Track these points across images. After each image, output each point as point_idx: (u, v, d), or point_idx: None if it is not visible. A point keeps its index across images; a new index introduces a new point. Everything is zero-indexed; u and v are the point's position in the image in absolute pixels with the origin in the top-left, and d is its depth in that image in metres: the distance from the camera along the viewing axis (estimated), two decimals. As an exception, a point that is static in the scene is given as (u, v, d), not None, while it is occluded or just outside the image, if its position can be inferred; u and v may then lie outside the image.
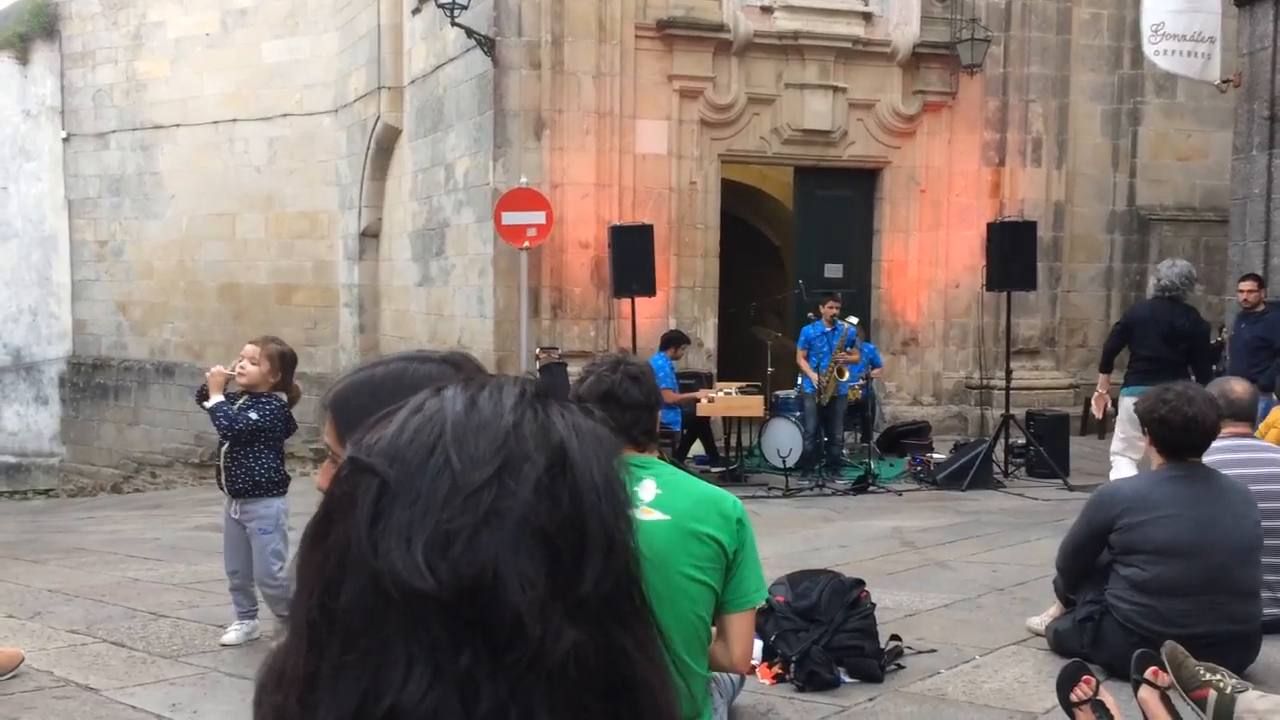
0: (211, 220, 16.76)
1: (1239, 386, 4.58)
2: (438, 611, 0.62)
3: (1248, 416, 4.66)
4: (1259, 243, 9.58)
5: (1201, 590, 3.80)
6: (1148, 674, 3.18)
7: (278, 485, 4.85)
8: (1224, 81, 10.01)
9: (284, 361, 4.80)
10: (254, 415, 4.72)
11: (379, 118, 14.52)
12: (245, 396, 4.77)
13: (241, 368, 4.72)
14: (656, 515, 2.56)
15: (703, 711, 2.69)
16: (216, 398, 4.72)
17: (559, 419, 0.69)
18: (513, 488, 0.64)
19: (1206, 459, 4.06)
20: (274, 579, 4.74)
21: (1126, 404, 7.32)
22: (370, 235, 15.46)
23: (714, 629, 2.70)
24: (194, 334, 16.97)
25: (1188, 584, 3.80)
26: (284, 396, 4.83)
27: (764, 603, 4.11)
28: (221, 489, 4.90)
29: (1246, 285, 8.82)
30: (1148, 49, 10.12)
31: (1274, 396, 8.34)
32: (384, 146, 14.83)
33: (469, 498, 0.64)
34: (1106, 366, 8.16)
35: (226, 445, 4.78)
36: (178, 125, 16.92)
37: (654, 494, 2.60)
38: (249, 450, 4.77)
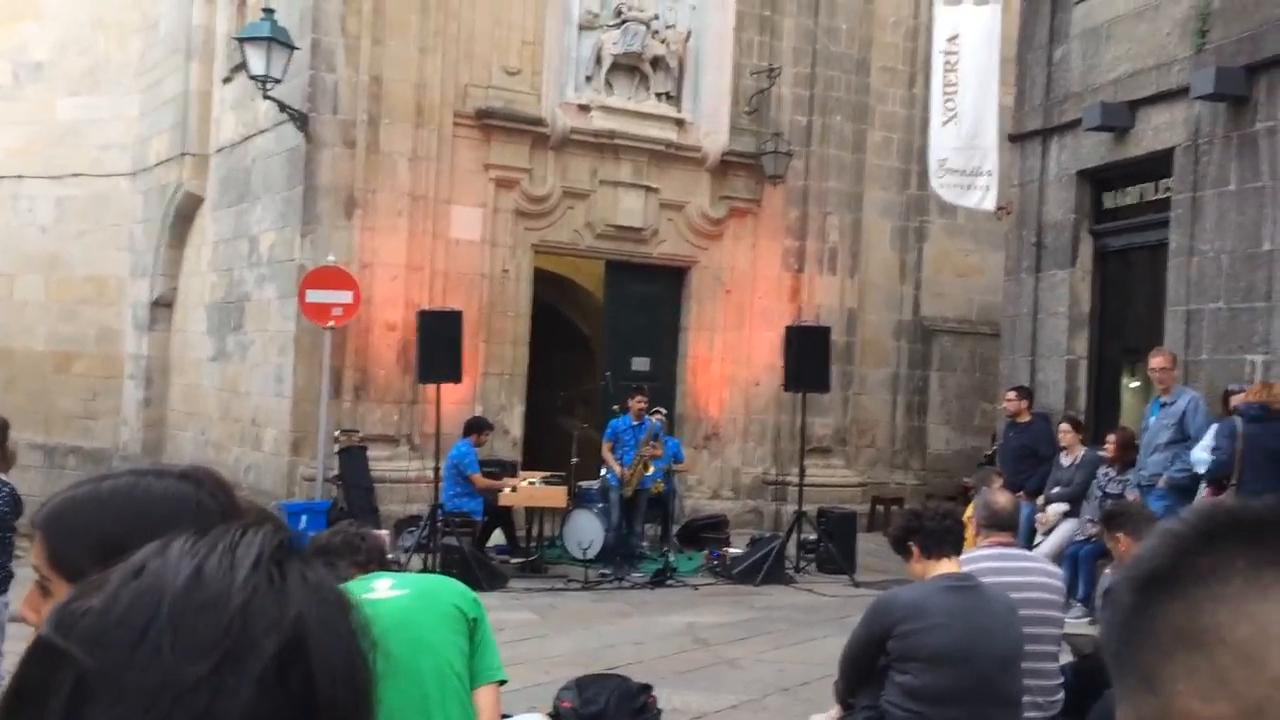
0: (-15, 280, 15.61)
1: (1001, 497, 4.89)
2: None
3: (1010, 526, 4.97)
4: (1026, 358, 10.38)
5: (969, 698, 4.00)
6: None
7: (1, 583, 4.41)
8: (999, 209, 10.91)
9: None
10: None
11: (180, 184, 13.97)
12: None
13: None
14: (397, 593, 2.91)
15: None
16: None
17: (299, 585, 0.63)
18: (233, 685, 0.58)
19: (970, 567, 4.32)
20: None
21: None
22: (163, 305, 14.73)
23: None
24: (-45, 401, 15.61)
25: (956, 692, 3.99)
26: (6, 478, 4.43)
27: (551, 710, 4.09)
28: None
29: (1009, 396, 9.61)
30: (934, 182, 10.96)
31: (1036, 502, 8.99)
32: (184, 214, 14.25)
33: (179, 699, 0.57)
34: None
35: None
36: (-45, 177, 15.77)
37: (390, 584, 2.97)
38: None
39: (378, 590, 2.84)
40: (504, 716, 3.26)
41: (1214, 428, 7.40)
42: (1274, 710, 0.58)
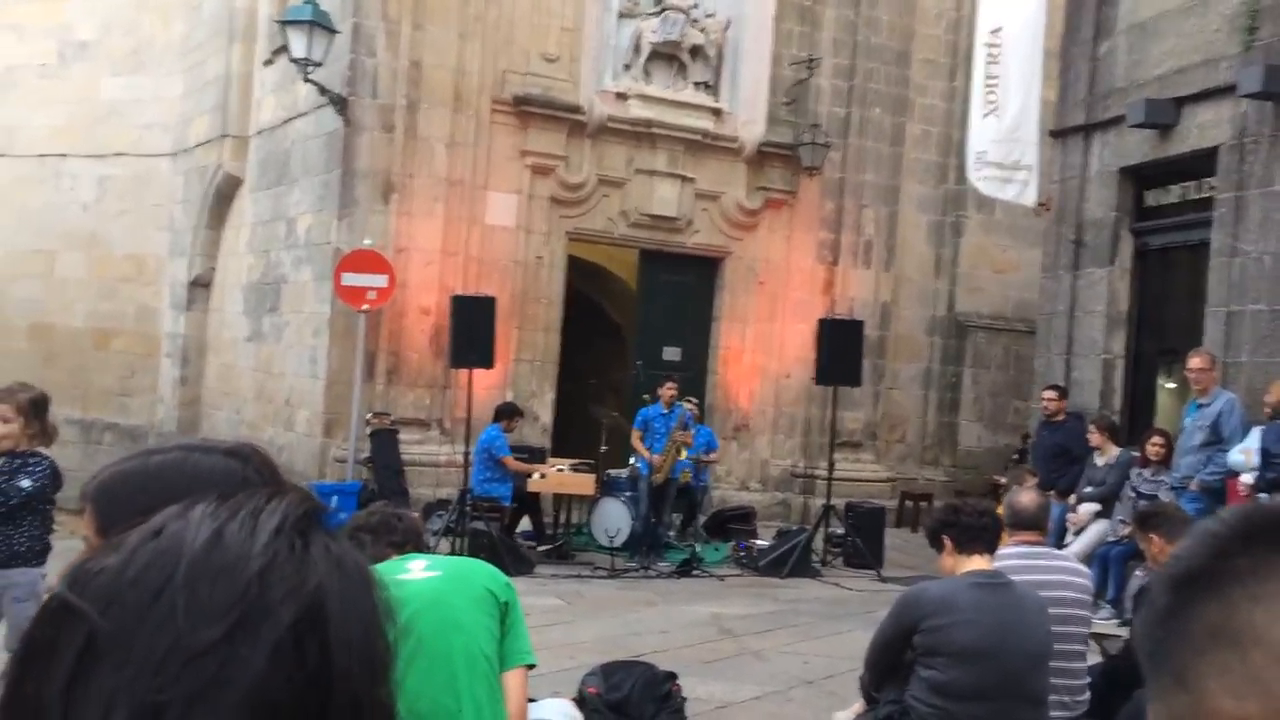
0: (27, 256, 15.82)
1: (1025, 497, 4.86)
2: None
3: (1034, 525, 4.92)
4: (1062, 356, 10.28)
5: (995, 695, 3.97)
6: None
7: (38, 555, 4.48)
8: (1039, 205, 10.79)
9: (37, 408, 4.44)
10: (26, 484, 4.36)
11: (220, 166, 14.11)
12: (3, 459, 4.39)
13: None
14: (430, 575, 2.93)
15: None
16: None
17: (322, 555, 0.61)
18: (245, 653, 0.56)
19: (997, 565, 4.29)
20: None
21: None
22: (201, 285, 14.90)
23: None
24: (-4, 374, 15.85)
25: (983, 689, 3.97)
26: (47, 452, 4.50)
27: (576, 695, 4.11)
28: None
29: (1048, 395, 9.45)
30: (971, 175, 10.83)
31: (1068, 501, 8.91)
32: (223, 195, 14.40)
33: (190, 663, 0.55)
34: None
35: None
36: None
37: (424, 565, 2.99)
38: (11, 519, 4.40)
39: (412, 571, 2.87)
40: (529, 700, 3.28)
41: (1256, 431, 7.29)
42: None
